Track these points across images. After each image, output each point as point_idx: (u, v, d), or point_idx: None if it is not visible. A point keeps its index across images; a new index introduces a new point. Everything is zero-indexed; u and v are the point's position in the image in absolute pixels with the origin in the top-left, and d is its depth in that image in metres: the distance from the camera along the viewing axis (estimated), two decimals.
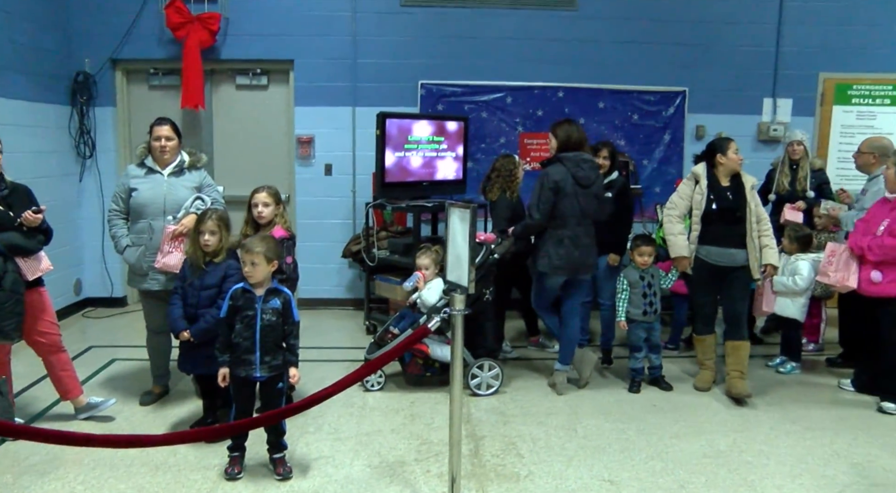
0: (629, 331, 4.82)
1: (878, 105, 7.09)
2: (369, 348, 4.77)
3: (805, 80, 7.02)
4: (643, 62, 6.86)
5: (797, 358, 5.32)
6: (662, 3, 6.82)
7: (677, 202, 4.78)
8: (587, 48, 6.80)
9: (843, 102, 7.08)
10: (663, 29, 6.84)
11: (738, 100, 6.97)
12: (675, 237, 4.72)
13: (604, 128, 6.81)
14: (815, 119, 7.05)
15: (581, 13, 6.78)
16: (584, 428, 4.18)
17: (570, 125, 4.66)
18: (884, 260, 4.40)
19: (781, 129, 6.88)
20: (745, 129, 6.89)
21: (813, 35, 6.95)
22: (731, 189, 4.71)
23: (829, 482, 3.59)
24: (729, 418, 4.39)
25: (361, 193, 6.76)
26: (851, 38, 6.97)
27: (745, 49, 6.93)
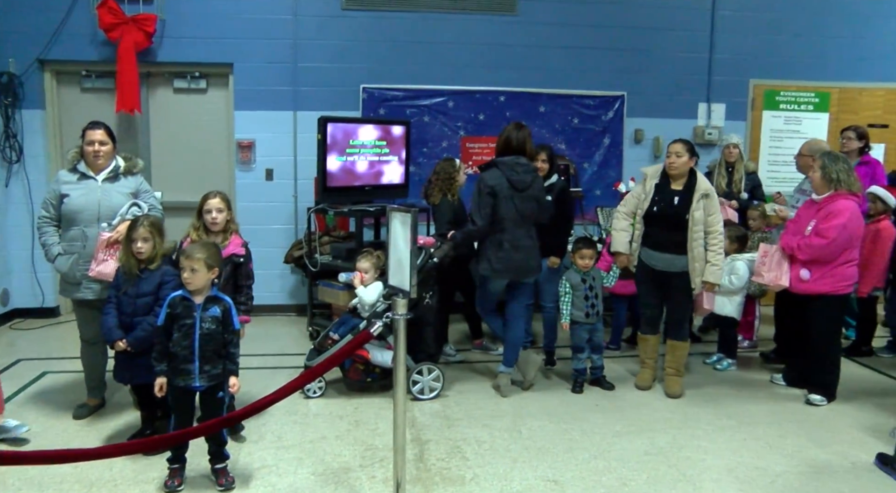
0: (572, 332, 4.88)
1: (803, 111, 7.38)
2: (309, 355, 4.71)
3: (737, 86, 7.25)
4: (583, 67, 6.98)
5: (733, 355, 5.48)
6: (601, 10, 6.95)
7: (628, 200, 4.88)
8: (528, 53, 6.88)
9: (771, 107, 7.34)
10: (602, 35, 6.97)
11: (674, 104, 7.16)
12: (617, 233, 4.84)
13: (545, 132, 6.90)
14: (746, 123, 7.29)
15: (522, 18, 6.86)
16: (528, 429, 4.22)
17: (513, 129, 4.67)
18: (812, 259, 4.57)
19: (716, 132, 7.09)
20: (681, 132, 6.95)
21: (743, 43, 7.18)
22: (681, 194, 4.69)
23: (762, 473, 3.71)
24: (669, 415, 4.49)
25: (303, 198, 6.69)
26: (778, 47, 7.24)
27: (681, 55, 7.12)
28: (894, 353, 5.78)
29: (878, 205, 5.35)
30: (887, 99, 7.47)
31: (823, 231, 4.50)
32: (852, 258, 4.60)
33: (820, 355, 4.72)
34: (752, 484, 3.59)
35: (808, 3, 7.22)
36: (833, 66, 7.35)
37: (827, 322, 4.69)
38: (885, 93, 7.45)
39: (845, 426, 4.36)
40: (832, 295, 4.60)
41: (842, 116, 7.31)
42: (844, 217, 4.48)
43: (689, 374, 5.13)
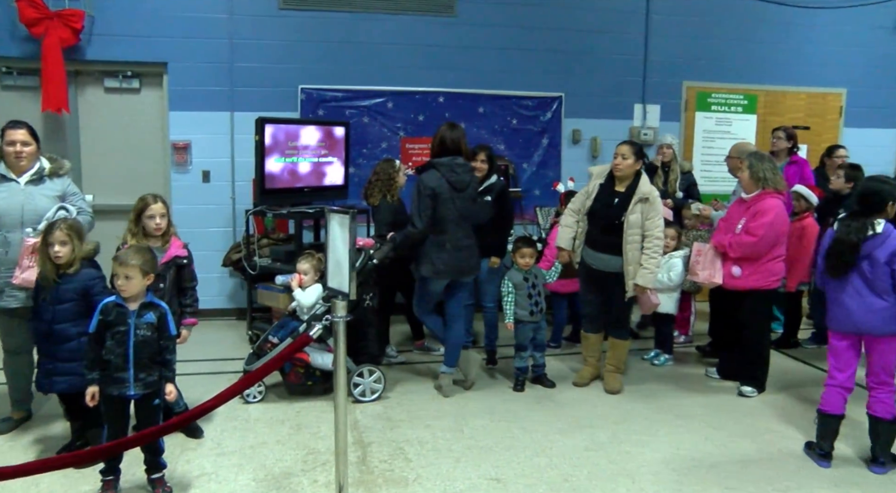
0: (516, 331, 4.91)
1: (733, 112, 7.63)
2: (248, 359, 4.64)
3: (670, 87, 7.44)
4: (521, 68, 7.05)
5: (670, 350, 5.61)
6: (539, 12, 7.04)
7: (577, 198, 4.96)
8: (467, 54, 6.91)
9: (703, 108, 7.56)
10: (540, 36, 7.06)
11: (610, 105, 7.29)
12: (562, 229, 4.91)
13: (484, 132, 6.95)
14: (680, 124, 7.48)
15: (460, 20, 6.89)
16: (470, 429, 4.24)
17: (447, 129, 4.68)
18: (742, 256, 4.72)
19: (651, 133, 7.26)
20: (617, 133, 7.20)
21: (676, 46, 7.37)
22: (621, 196, 4.74)
23: (698, 464, 3.82)
24: (608, 411, 4.57)
25: (241, 200, 6.57)
26: (709, 50, 7.46)
27: (617, 57, 7.26)
28: (819, 344, 6.01)
29: (801, 203, 5.56)
30: (809, 102, 7.79)
31: (752, 229, 4.65)
32: (779, 254, 4.78)
33: (751, 348, 4.88)
34: (688, 475, 3.69)
35: (737, 10, 7.46)
36: (760, 70, 7.62)
37: (757, 316, 4.86)
38: (807, 96, 7.77)
39: (775, 416, 4.52)
40: (762, 290, 4.76)
41: (769, 118, 7.58)
42: (771, 215, 4.65)
43: (627, 370, 5.23)
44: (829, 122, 7.88)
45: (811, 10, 7.61)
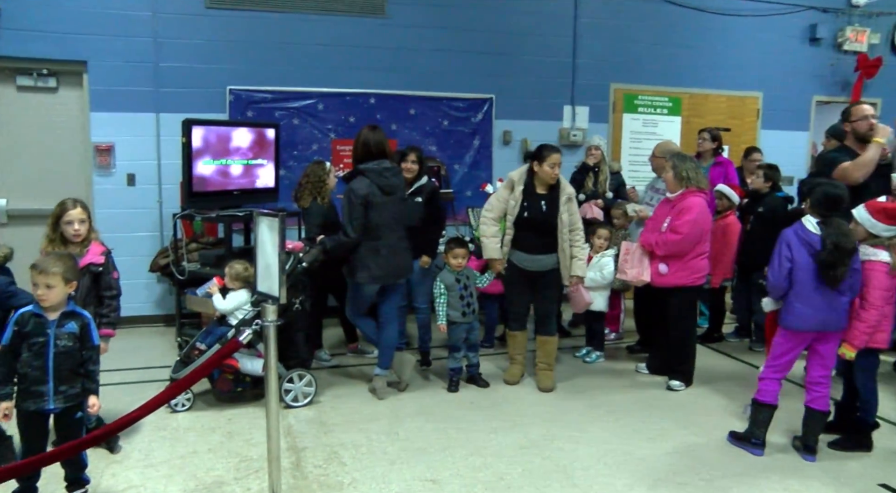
0: (449, 332, 4.93)
1: (658, 114, 7.85)
2: (175, 367, 4.50)
3: (599, 89, 7.60)
4: (452, 70, 7.09)
5: (601, 348, 5.73)
6: (469, 14, 7.08)
7: (494, 205, 4.93)
8: (398, 55, 6.91)
9: (631, 110, 7.75)
10: (471, 38, 7.11)
11: (540, 107, 7.40)
12: (488, 240, 4.89)
13: (415, 134, 6.95)
14: (608, 126, 7.65)
15: (391, 21, 6.87)
16: (405, 431, 4.23)
17: (369, 132, 4.63)
18: (669, 254, 4.86)
19: (581, 134, 7.39)
20: (547, 134, 7.32)
21: (603, 49, 7.54)
22: (547, 198, 4.87)
23: (629, 457, 3.92)
24: (542, 409, 4.63)
25: (168, 203, 6.40)
26: (635, 53, 7.66)
27: (546, 59, 7.37)
28: (741, 338, 6.24)
29: (724, 202, 5.76)
30: (729, 105, 8.09)
31: (677, 227, 4.79)
32: (703, 251, 4.93)
33: (678, 343, 5.03)
34: (620, 469, 3.78)
35: (661, 15, 7.69)
36: (683, 74, 7.87)
37: (682, 312, 5.00)
38: (727, 99, 8.07)
39: (702, 408, 4.67)
40: (687, 287, 4.91)
41: (692, 120, 7.83)
42: (694, 213, 4.80)
43: (560, 367, 5.32)
44: (747, 123, 8.19)
45: (729, 17, 7.91)
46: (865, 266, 3.78)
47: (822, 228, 3.72)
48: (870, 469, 3.84)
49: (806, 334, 3.85)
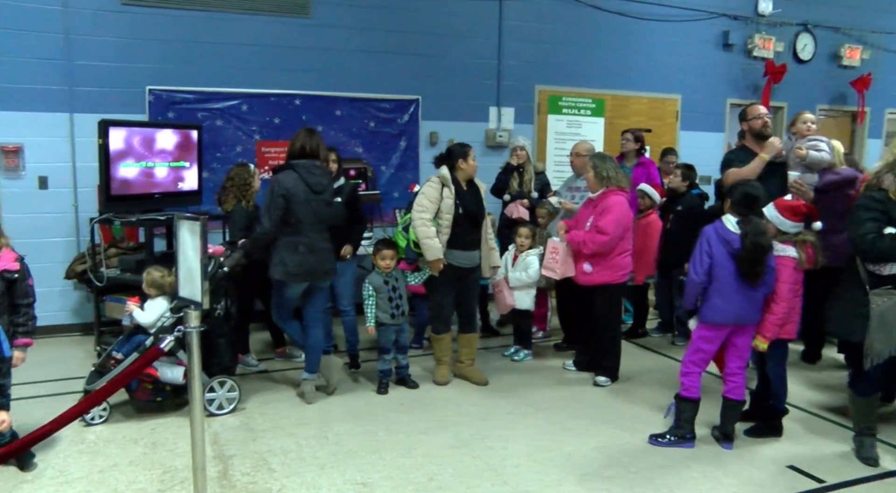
0: (379, 334, 4.91)
1: (582, 115, 8.03)
2: (89, 378, 4.30)
3: (524, 91, 7.72)
4: (378, 71, 7.07)
5: (528, 346, 5.81)
6: (395, 15, 7.08)
7: (428, 206, 4.88)
8: (323, 56, 6.84)
9: (555, 111, 7.90)
10: (396, 39, 7.11)
11: (467, 108, 7.46)
12: (431, 241, 4.83)
13: (341, 135, 6.91)
14: (534, 126, 7.78)
15: (315, 21, 6.80)
16: (335, 434, 4.20)
17: (307, 137, 4.60)
18: (595, 253, 4.97)
19: (506, 135, 7.49)
20: (474, 135, 7.38)
21: (528, 51, 7.66)
22: (470, 194, 5.01)
23: (558, 453, 3.99)
24: (471, 408, 4.67)
25: (85, 207, 6.15)
26: (559, 56, 7.82)
27: (472, 61, 7.44)
28: (664, 333, 6.44)
29: (646, 201, 5.94)
30: (650, 106, 8.34)
31: (602, 227, 4.90)
32: (626, 249, 5.07)
33: (603, 340, 5.15)
34: (548, 465, 3.84)
35: (583, 18, 7.86)
36: (606, 76, 8.07)
37: (608, 310, 5.13)
38: (648, 101, 8.32)
39: (628, 402, 4.80)
40: (611, 284, 5.03)
41: (615, 121, 8.04)
42: (617, 212, 4.93)
43: (488, 367, 5.37)
44: (667, 125, 8.47)
45: (649, 21, 8.17)
46: (775, 261, 3.95)
47: (742, 227, 3.87)
48: (780, 453, 4.04)
49: (724, 327, 3.99)
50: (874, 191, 3.71)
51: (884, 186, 3.67)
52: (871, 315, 3.62)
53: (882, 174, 3.71)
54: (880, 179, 3.70)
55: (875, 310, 3.61)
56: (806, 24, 9.20)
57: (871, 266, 3.68)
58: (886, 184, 3.65)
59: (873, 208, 3.63)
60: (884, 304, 3.60)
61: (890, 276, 3.62)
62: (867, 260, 3.70)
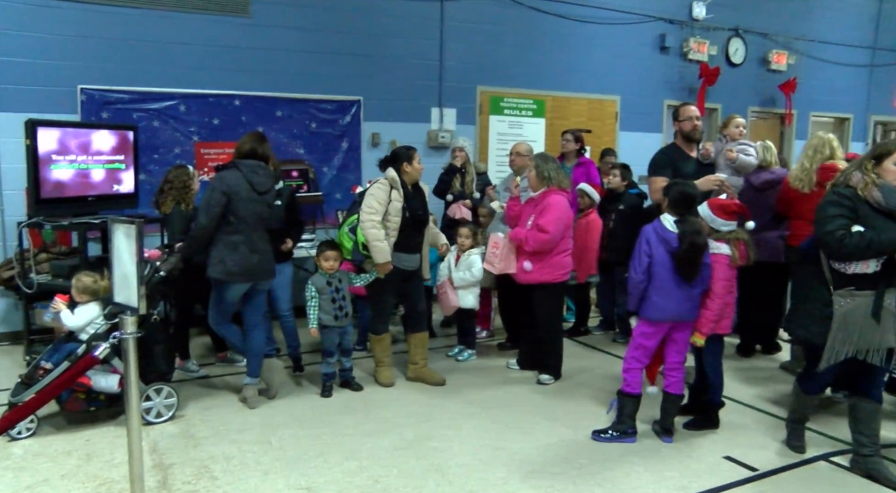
0: (322, 337, 4.87)
1: (524, 116, 8.11)
2: (15, 390, 4.11)
3: (466, 92, 7.75)
4: (319, 72, 7.00)
5: (472, 346, 5.83)
6: (336, 15, 7.02)
7: (377, 208, 4.84)
8: (263, 56, 6.74)
9: (497, 112, 7.96)
10: (338, 40, 7.05)
11: (408, 109, 7.46)
12: (381, 243, 4.78)
13: (282, 136, 6.82)
14: (475, 127, 7.82)
15: (255, 21, 6.70)
16: (278, 439, 4.14)
17: (259, 143, 4.57)
18: (536, 251, 5.02)
19: (448, 136, 7.51)
20: (416, 136, 7.40)
21: (470, 52, 7.70)
22: (416, 197, 5.02)
23: (502, 452, 4.02)
24: (416, 409, 4.66)
25: (12, 210, 5.91)
26: (501, 57, 7.88)
27: (414, 62, 7.44)
28: (606, 331, 6.56)
29: (585, 200, 6.03)
30: (590, 107, 8.49)
31: (544, 226, 4.96)
32: (567, 248, 5.14)
33: (546, 338, 5.21)
34: (493, 464, 3.87)
35: (524, 20, 7.94)
36: (547, 77, 8.18)
37: (549, 308, 5.19)
38: (588, 102, 8.47)
39: (571, 399, 4.86)
40: (552, 283, 5.10)
41: (556, 122, 8.15)
42: (558, 211, 4.99)
43: (433, 367, 5.36)
44: (607, 125, 8.63)
45: (588, 24, 8.31)
46: (710, 259, 4.06)
47: (679, 226, 3.97)
48: (717, 445, 4.17)
49: (664, 324, 4.08)
50: (842, 188, 3.63)
51: (852, 183, 3.60)
52: (835, 316, 3.58)
53: (850, 172, 3.65)
54: (848, 177, 3.64)
55: (838, 311, 3.57)
56: (737, 29, 9.50)
57: (837, 264, 3.61)
58: (855, 181, 3.60)
59: (842, 205, 3.56)
60: (847, 305, 3.57)
61: (854, 275, 3.57)
62: (834, 258, 3.61)
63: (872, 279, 3.54)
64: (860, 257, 3.51)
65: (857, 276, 3.55)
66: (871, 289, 3.55)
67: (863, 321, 3.54)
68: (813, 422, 4.37)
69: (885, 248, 3.45)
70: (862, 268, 3.53)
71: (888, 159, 3.57)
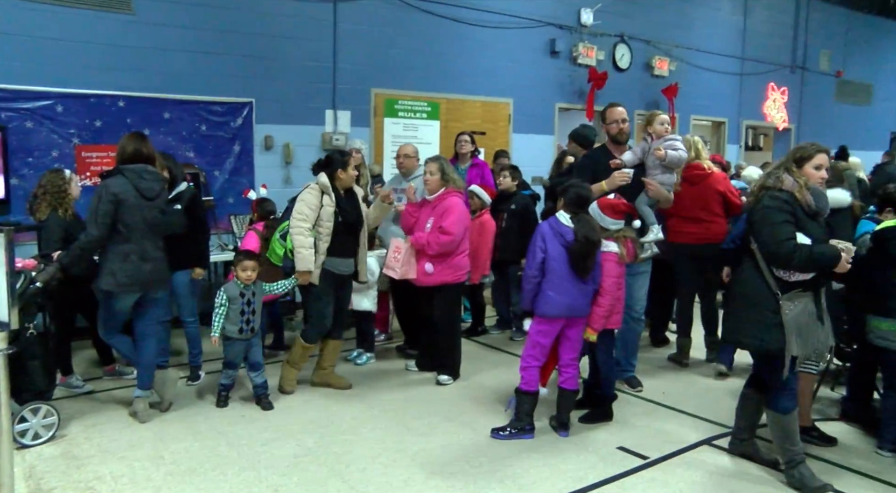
0: (225, 348, 4.68)
1: (418, 119, 8.15)
2: None
3: (360, 94, 7.70)
4: (209, 73, 6.77)
5: (371, 349, 5.81)
6: (225, 15, 6.81)
7: (308, 214, 4.73)
8: (149, 55, 6.45)
9: (391, 115, 7.96)
10: (227, 40, 6.84)
11: (302, 111, 7.34)
12: (307, 251, 4.69)
13: (171, 139, 6.55)
14: (370, 130, 7.79)
15: (139, 18, 6.40)
16: (172, 453, 3.98)
17: (141, 144, 4.37)
18: (439, 253, 5.06)
19: (343, 138, 7.44)
20: (310, 139, 7.30)
21: (364, 54, 7.66)
22: (349, 202, 4.93)
23: (403, 454, 4.03)
24: (315, 415, 4.60)
25: None
26: (395, 59, 7.88)
27: (307, 63, 7.32)
28: (503, 330, 6.67)
29: (476, 201, 6.11)
30: (484, 110, 8.63)
31: (446, 228, 5.00)
32: (465, 249, 5.21)
33: (445, 339, 5.26)
34: (395, 466, 3.87)
35: (418, 23, 7.98)
36: (441, 80, 8.25)
37: (449, 309, 5.25)
38: (482, 104, 8.60)
39: (471, 399, 4.92)
40: (451, 284, 5.15)
41: (450, 124, 8.23)
42: (458, 212, 5.07)
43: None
44: (500, 128, 8.79)
45: (481, 28, 8.44)
46: (600, 257, 4.21)
47: (574, 222, 4.10)
48: (611, 436, 4.33)
49: (559, 320, 4.20)
50: (777, 191, 3.57)
51: (786, 187, 3.56)
52: (785, 322, 3.51)
53: (780, 175, 3.61)
54: (779, 180, 3.59)
55: (788, 315, 3.51)
56: (622, 35, 9.91)
57: (781, 272, 3.55)
58: (789, 185, 3.55)
59: (784, 210, 3.50)
60: (795, 308, 3.52)
61: (796, 282, 3.54)
62: (781, 267, 3.54)
63: (812, 283, 3.57)
64: (802, 270, 3.51)
65: (797, 283, 3.54)
66: (811, 290, 3.57)
67: (811, 323, 3.55)
68: (693, 408, 4.61)
69: (824, 265, 3.49)
70: (802, 276, 3.53)
71: (808, 163, 3.58)
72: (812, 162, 3.58)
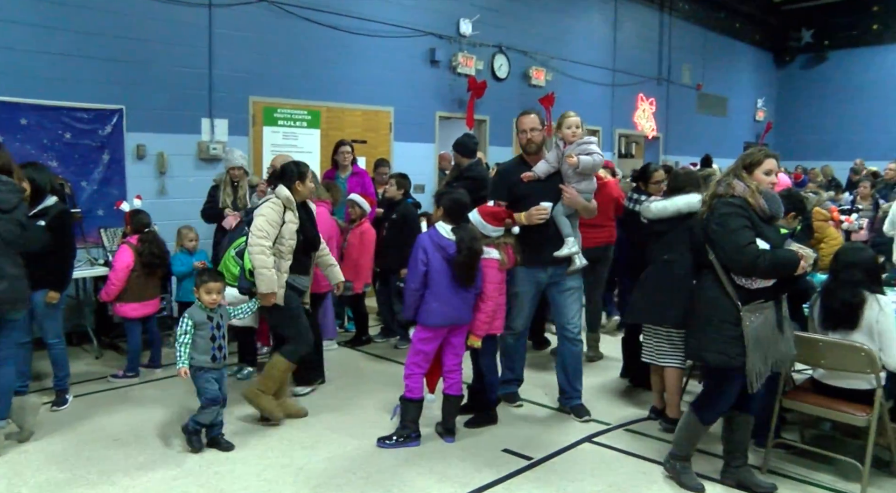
0: (197, 382, 4.19)
1: (298, 127, 8.02)
2: None
3: (237, 102, 7.49)
4: (73, 77, 6.37)
5: (253, 363, 5.67)
6: (90, 16, 6.41)
7: (270, 231, 4.40)
8: (4, 57, 6.00)
9: (271, 123, 7.78)
10: (94, 43, 6.46)
11: (177, 119, 7.05)
12: (269, 272, 4.35)
13: (30, 147, 6.09)
14: (249, 139, 7.59)
15: None
16: (31, 487, 3.71)
17: None
18: None
19: (220, 147, 7.20)
20: (186, 148, 7.03)
21: (241, 61, 7.45)
22: (307, 217, 4.74)
23: (288, 469, 3.96)
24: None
25: None
26: (274, 67, 7.73)
27: (181, 70, 7.04)
28: (387, 338, 6.66)
29: (356, 210, 6.10)
30: (365, 118, 8.62)
31: None
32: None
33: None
34: (279, 482, 3.79)
35: (297, 30, 7.86)
36: (322, 88, 8.16)
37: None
38: (363, 113, 8.59)
39: (355, 409, 4.90)
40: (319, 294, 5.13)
41: (331, 133, 8.15)
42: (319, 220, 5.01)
43: None
44: (382, 136, 8.80)
45: (361, 36, 8.43)
46: (482, 263, 4.29)
47: (456, 233, 4.13)
48: (496, 439, 4.42)
49: (442, 329, 4.23)
50: (730, 198, 3.52)
51: (738, 192, 3.52)
52: (747, 335, 3.43)
53: (731, 181, 3.55)
54: (731, 186, 3.54)
55: (748, 328, 3.43)
56: (500, 45, 10.17)
57: (743, 280, 3.48)
58: (740, 190, 3.51)
59: (741, 215, 3.45)
60: (756, 320, 3.45)
61: (758, 290, 3.49)
62: (745, 274, 3.46)
63: (772, 290, 3.53)
64: (765, 276, 3.45)
65: (760, 291, 3.49)
66: (770, 299, 3.53)
67: (771, 335, 3.50)
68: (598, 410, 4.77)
69: (787, 271, 3.44)
70: (764, 283, 3.48)
71: (758, 169, 3.55)
72: (762, 167, 3.55)
